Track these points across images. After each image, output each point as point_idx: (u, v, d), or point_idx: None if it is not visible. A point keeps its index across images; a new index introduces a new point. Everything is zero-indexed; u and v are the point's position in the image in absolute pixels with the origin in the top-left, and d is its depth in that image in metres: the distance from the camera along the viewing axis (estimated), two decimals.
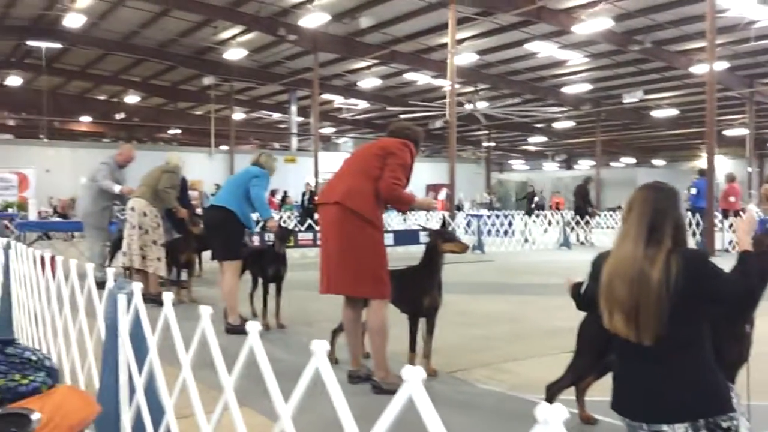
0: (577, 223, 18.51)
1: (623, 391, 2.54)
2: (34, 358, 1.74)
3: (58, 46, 27.52)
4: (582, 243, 18.20)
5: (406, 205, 4.57)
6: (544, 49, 25.30)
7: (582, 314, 3.38)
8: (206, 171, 29.33)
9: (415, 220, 19.44)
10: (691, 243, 10.41)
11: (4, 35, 26.77)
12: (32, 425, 1.28)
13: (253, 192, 6.41)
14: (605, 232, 18.83)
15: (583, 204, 18.93)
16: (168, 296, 2.20)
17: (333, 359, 4.74)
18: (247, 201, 6.46)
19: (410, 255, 7.95)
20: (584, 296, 2.85)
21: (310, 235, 15.57)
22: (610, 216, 21.10)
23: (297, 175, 29.35)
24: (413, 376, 1.03)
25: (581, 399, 3.78)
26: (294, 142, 35.29)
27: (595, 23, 20.58)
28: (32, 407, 1.33)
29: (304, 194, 23.20)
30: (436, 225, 14.69)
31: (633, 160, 50.44)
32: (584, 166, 49.28)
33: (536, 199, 29.51)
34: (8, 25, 25.97)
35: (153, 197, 7.89)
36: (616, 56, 26.12)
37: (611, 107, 33.29)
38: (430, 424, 1.03)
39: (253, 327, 1.64)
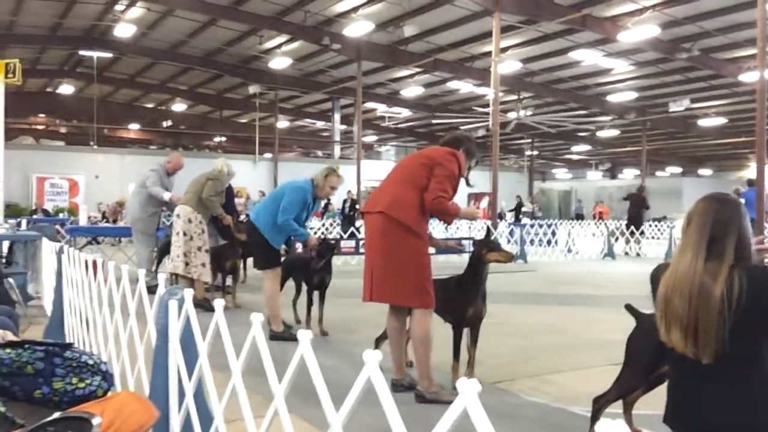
0: (632, 233, 18.10)
1: (678, 405, 2.49)
2: (90, 362, 1.79)
3: (108, 55, 28.23)
4: (637, 254, 17.84)
5: (451, 217, 4.51)
6: (588, 58, 25.04)
7: (630, 326, 3.32)
8: (251, 178, 29.69)
9: (457, 229, 19.39)
10: None
11: (57, 45, 27.55)
12: (93, 429, 1.31)
13: (280, 218, 6.25)
14: (648, 242, 18.52)
15: (639, 213, 18.41)
16: (219, 303, 2.24)
17: None
18: (275, 216, 6.35)
19: (452, 264, 7.92)
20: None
21: (352, 243, 15.65)
22: (655, 226, 20.74)
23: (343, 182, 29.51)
24: (469, 388, 1.03)
25: (629, 413, 3.71)
26: (337, 150, 35.51)
27: (641, 31, 20.30)
28: (93, 411, 1.36)
29: (345, 202, 23.32)
30: (479, 234, 14.63)
31: (679, 170, 49.48)
32: (629, 175, 48.55)
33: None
34: (62, 36, 26.72)
35: (198, 204, 7.99)
36: (662, 64, 25.71)
37: (657, 116, 32.77)
38: None
39: (305, 335, 1.66)
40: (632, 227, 18.12)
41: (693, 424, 2.41)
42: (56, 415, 1.35)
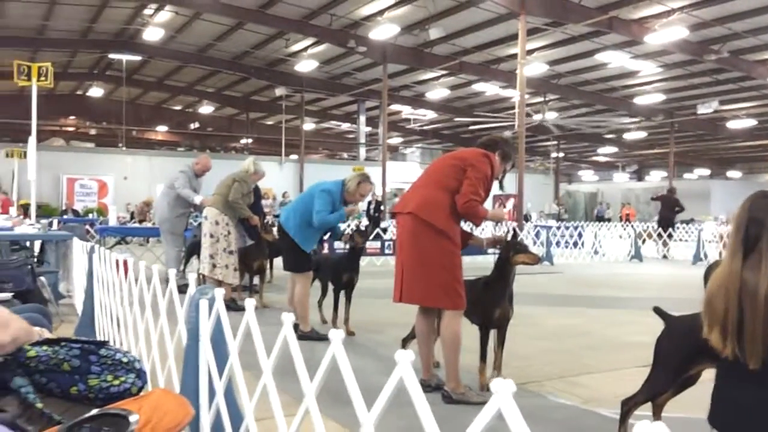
0: (659, 235, 17.88)
1: (721, 407, 2.44)
2: (125, 360, 1.81)
3: (137, 58, 28.60)
4: (664, 257, 17.65)
5: (480, 219, 4.51)
6: (615, 60, 24.86)
7: (658, 329, 3.29)
8: (276, 179, 29.85)
9: (482, 231, 19.32)
10: None
11: (88, 49, 27.94)
12: (131, 426, 1.33)
13: (315, 220, 6.29)
14: (676, 245, 18.30)
15: (670, 215, 18.15)
16: (250, 303, 2.26)
17: None
18: (308, 219, 6.36)
19: (476, 265, 7.88)
20: None
21: (377, 244, 15.67)
22: (684, 229, 20.51)
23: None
24: (503, 389, 1.03)
25: (658, 415, 3.68)
26: (362, 152, 35.60)
27: (669, 33, 20.12)
28: (130, 408, 1.39)
29: (369, 203, 23.34)
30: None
31: (707, 172, 48.90)
32: (656, 177, 48.06)
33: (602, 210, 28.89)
34: (92, 39, 27.12)
35: (224, 206, 8.02)
36: (690, 66, 25.46)
37: (685, 118, 32.42)
38: None
39: (337, 335, 1.67)
40: (660, 229, 17.91)
41: (736, 428, 2.37)
42: (94, 411, 1.37)
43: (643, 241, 18.00)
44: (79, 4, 23.01)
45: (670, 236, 17.81)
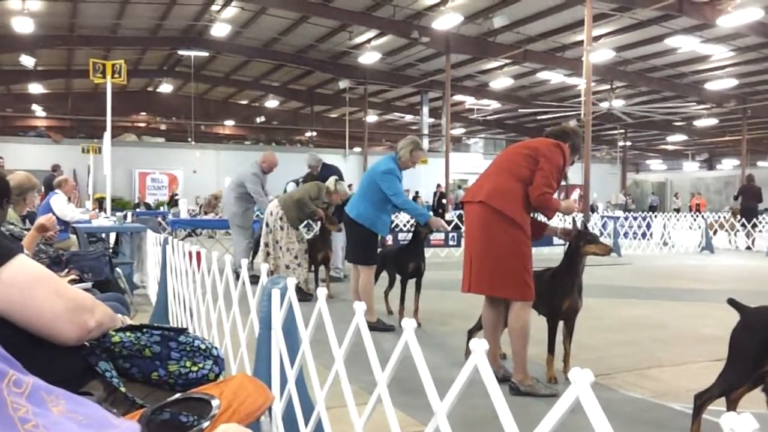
0: (743, 225, 17.27)
1: None
2: (203, 346, 1.86)
3: (205, 54, 29.23)
4: (748, 248, 17.06)
5: (552, 211, 4.45)
6: (685, 44, 24.10)
7: (732, 321, 3.20)
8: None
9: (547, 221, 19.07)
10: None
11: (157, 46, 28.69)
12: (213, 410, 1.37)
13: (397, 201, 6.30)
14: (761, 235, 17.63)
15: (755, 203, 17.50)
16: (322, 292, 2.30)
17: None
18: (378, 204, 6.38)
19: (543, 257, 7.77)
20: None
21: (441, 235, 15.63)
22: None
23: (428, 175, 29.57)
24: (582, 378, 1.03)
25: (732, 411, 3.58)
26: (425, 143, 35.51)
27: (743, 15, 19.34)
28: (212, 393, 1.43)
29: (435, 194, 23.32)
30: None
31: None
32: (727, 165, 46.44)
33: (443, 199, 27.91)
34: (161, 37, 27.83)
35: (287, 204, 8.07)
36: (765, 49, 24.45)
37: (759, 104, 31.19)
38: (599, 429, 1.02)
39: (409, 324, 1.68)
40: (743, 219, 17.26)
41: None
42: (177, 395, 1.42)
43: (715, 231, 17.44)
44: (150, 2, 23.65)
45: (754, 226, 17.16)
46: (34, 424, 0.75)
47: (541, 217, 4.74)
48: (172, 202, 23.31)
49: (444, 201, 25.69)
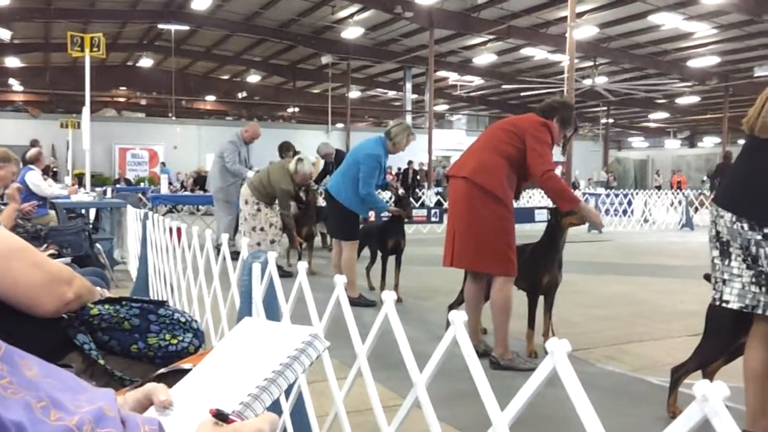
0: None
1: None
2: (182, 319, 1.86)
3: (185, 28, 28.82)
4: None
5: (567, 202, 4.34)
6: (668, 21, 24.11)
7: (709, 297, 3.24)
8: None
9: (530, 198, 19.15)
10: None
11: (137, 19, 28.26)
12: None
13: (362, 191, 6.26)
14: None
15: None
16: (303, 266, 2.30)
17: None
18: (357, 184, 6.33)
19: (524, 233, 7.76)
20: None
21: (423, 212, 15.67)
22: None
23: (410, 152, 29.50)
24: (558, 349, 1.04)
25: None
26: (408, 119, 35.40)
27: None
28: (195, 364, 1.43)
29: (404, 171, 23.35)
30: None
31: None
32: (709, 143, 46.74)
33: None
34: (141, 10, 27.42)
35: (257, 190, 7.81)
36: (747, 27, 24.51)
37: (740, 81, 31.35)
38: (575, 397, 1.04)
39: (389, 296, 1.69)
40: None
41: None
42: (162, 370, 1.42)
43: (695, 209, 17.61)
44: None
45: None
46: (8, 381, 0.75)
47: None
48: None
49: (418, 178, 25.66)
